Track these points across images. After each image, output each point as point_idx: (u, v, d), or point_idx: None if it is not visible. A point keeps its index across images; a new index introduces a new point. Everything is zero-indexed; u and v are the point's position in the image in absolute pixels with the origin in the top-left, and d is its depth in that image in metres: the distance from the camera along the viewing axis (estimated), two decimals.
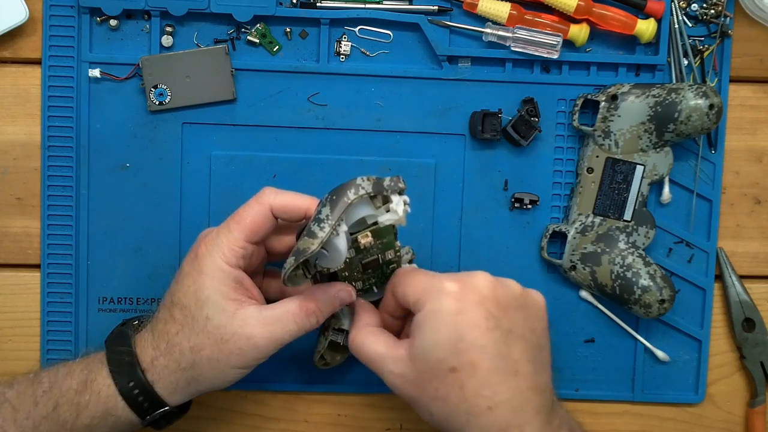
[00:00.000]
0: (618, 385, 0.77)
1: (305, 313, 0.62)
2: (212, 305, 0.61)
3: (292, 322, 0.62)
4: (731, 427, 0.79)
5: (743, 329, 0.77)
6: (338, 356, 0.70)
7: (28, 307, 0.74)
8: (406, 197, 0.62)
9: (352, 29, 0.73)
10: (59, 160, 0.72)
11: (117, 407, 0.62)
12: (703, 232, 0.77)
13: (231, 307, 0.61)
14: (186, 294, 0.62)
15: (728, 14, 0.75)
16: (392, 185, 0.61)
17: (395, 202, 0.61)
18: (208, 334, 0.61)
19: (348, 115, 0.74)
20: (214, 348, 0.61)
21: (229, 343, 0.61)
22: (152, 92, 0.72)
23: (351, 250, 0.62)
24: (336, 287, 0.64)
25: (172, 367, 0.62)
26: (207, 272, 0.61)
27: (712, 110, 0.70)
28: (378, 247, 0.63)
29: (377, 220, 0.61)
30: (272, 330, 0.61)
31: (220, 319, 0.61)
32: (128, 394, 0.62)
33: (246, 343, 0.61)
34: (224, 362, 0.61)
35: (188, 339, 0.61)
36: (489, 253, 0.75)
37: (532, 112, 0.74)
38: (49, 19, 0.71)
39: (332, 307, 0.64)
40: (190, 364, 0.62)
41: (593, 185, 0.74)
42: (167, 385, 0.62)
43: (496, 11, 0.72)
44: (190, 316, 0.61)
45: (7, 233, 0.74)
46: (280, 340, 0.61)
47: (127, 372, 0.62)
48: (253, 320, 0.61)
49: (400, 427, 0.77)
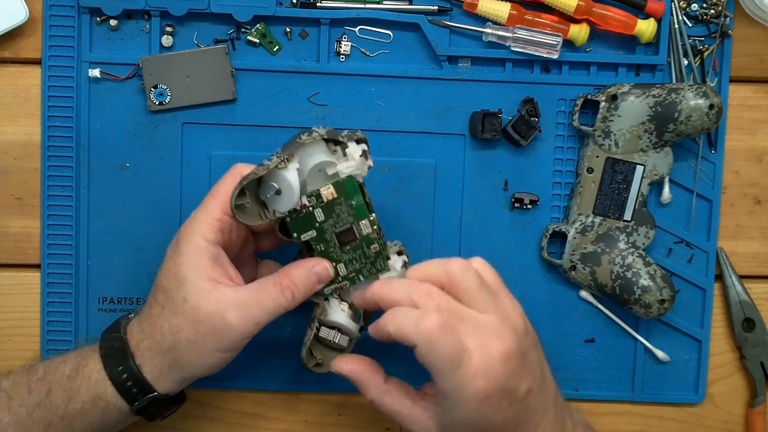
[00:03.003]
0: (618, 385, 0.77)
1: (280, 289, 0.61)
2: (189, 285, 0.61)
3: (267, 299, 0.61)
4: (731, 427, 0.79)
5: (743, 329, 0.77)
6: (333, 356, 0.68)
7: (28, 307, 0.74)
8: (365, 146, 0.62)
9: (352, 29, 0.73)
10: (59, 160, 0.72)
11: (106, 393, 0.62)
12: (703, 232, 0.77)
13: (207, 287, 0.61)
14: (167, 277, 0.62)
15: (728, 14, 0.75)
16: (349, 134, 0.61)
17: (352, 149, 0.61)
18: (185, 315, 0.61)
19: (348, 115, 0.74)
20: (191, 329, 0.61)
21: (204, 324, 0.60)
22: (152, 92, 0.72)
23: (318, 209, 0.62)
24: (311, 261, 0.63)
25: (155, 350, 0.62)
26: (185, 251, 0.61)
27: (712, 110, 0.70)
28: (347, 209, 0.63)
29: (337, 170, 0.62)
30: (247, 309, 0.61)
31: (196, 299, 0.60)
32: (117, 378, 0.62)
33: (220, 323, 0.60)
34: (202, 344, 0.61)
35: (168, 321, 0.61)
36: (489, 253, 0.75)
37: (532, 112, 0.74)
38: (49, 19, 0.71)
39: (308, 282, 0.63)
40: (170, 346, 0.62)
41: (593, 185, 0.74)
42: (153, 369, 0.62)
43: (496, 11, 0.72)
44: (170, 299, 0.61)
45: (7, 233, 0.74)
46: (256, 319, 0.61)
47: (117, 357, 0.62)
48: (228, 299, 0.60)
49: (400, 428, 0.77)
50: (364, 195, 0.63)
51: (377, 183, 0.74)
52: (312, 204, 0.62)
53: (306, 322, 0.68)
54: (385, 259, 0.66)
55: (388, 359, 0.66)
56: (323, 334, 0.67)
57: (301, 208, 0.62)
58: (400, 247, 0.68)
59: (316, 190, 0.62)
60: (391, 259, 0.66)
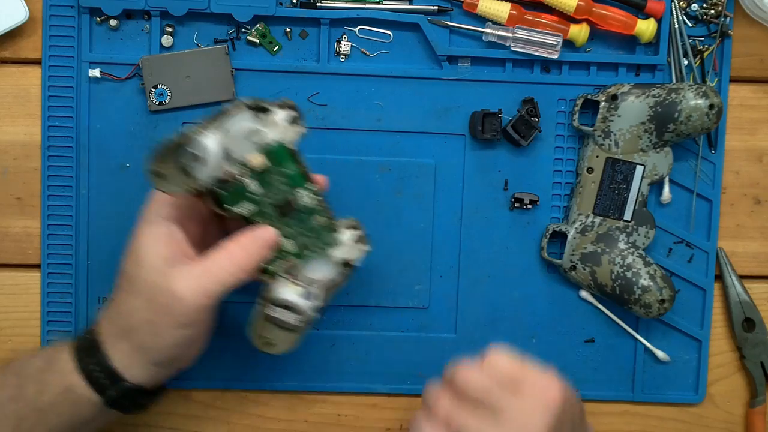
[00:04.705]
0: (618, 385, 0.77)
1: (229, 258, 0.61)
2: (145, 265, 0.61)
3: (217, 269, 0.61)
4: (731, 427, 0.79)
5: (743, 329, 0.77)
6: (286, 336, 0.65)
7: (28, 307, 0.74)
8: (294, 112, 0.62)
9: (352, 29, 0.73)
10: (59, 160, 0.72)
11: (76, 384, 0.61)
12: (703, 232, 0.77)
13: (161, 264, 0.60)
14: (127, 261, 0.62)
15: (728, 14, 0.75)
16: (277, 101, 0.61)
17: (278, 115, 0.61)
18: (141, 295, 0.61)
19: (348, 115, 0.74)
20: (147, 308, 0.60)
21: (156, 301, 0.60)
22: (152, 92, 0.72)
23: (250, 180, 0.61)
24: (255, 227, 0.62)
25: (119, 335, 0.62)
26: (141, 234, 0.62)
27: (712, 110, 0.70)
28: (282, 178, 0.62)
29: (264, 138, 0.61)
30: (199, 281, 0.60)
31: (150, 278, 0.60)
32: (85, 368, 0.61)
33: (171, 297, 0.60)
34: (158, 322, 0.60)
35: (128, 303, 0.61)
36: (489, 253, 0.75)
37: (532, 112, 0.74)
38: (49, 19, 0.71)
39: (257, 248, 0.62)
40: (132, 328, 0.61)
41: (593, 185, 0.74)
42: (122, 357, 0.62)
43: (496, 11, 0.72)
44: (129, 281, 0.62)
45: (7, 233, 0.74)
46: (207, 290, 0.60)
47: (87, 348, 0.62)
48: (180, 274, 0.60)
49: (400, 427, 0.77)
50: (299, 163, 0.63)
51: (377, 183, 0.74)
52: (243, 173, 0.61)
53: None
54: (330, 231, 0.64)
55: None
56: (271, 312, 0.64)
57: (229, 179, 0.61)
58: (353, 222, 0.66)
59: (241, 158, 0.61)
60: (338, 233, 0.64)
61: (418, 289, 0.75)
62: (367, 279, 0.75)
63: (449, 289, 0.75)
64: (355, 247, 0.65)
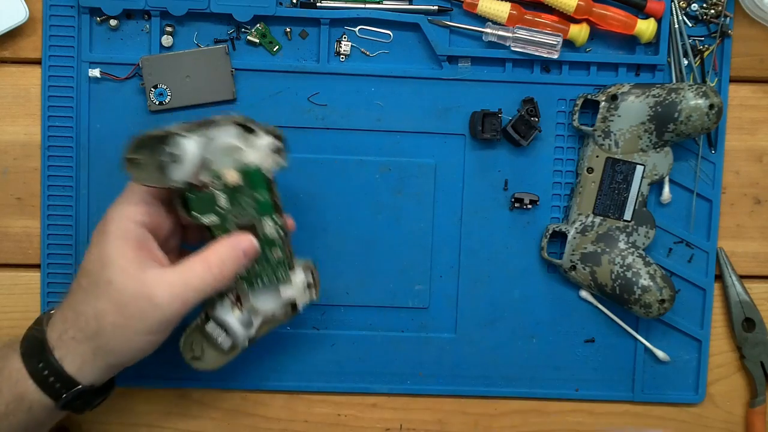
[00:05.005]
0: (618, 385, 0.77)
1: (206, 266, 0.60)
2: (114, 268, 0.59)
3: (193, 277, 0.60)
4: (731, 427, 0.79)
5: (743, 329, 0.77)
6: (213, 357, 0.67)
7: (28, 307, 0.74)
8: (279, 142, 0.62)
9: (352, 29, 0.73)
10: (59, 160, 0.72)
11: (29, 391, 0.60)
12: (703, 232, 0.77)
13: (132, 268, 0.59)
14: (91, 260, 0.61)
15: (728, 14, 0.75)
16: (265, 126, 0.61)
17: (260, 139, 0.61)
18: (110, 298, 0.59)
19: (348, 115, 0.74)
20: (116, 313, 0.59)
21: (129, 306, 0.59)
22: (152, 92, 0.72)
23: (221, 193, 0.61)
24: (236, 236, 0.62)
25: (78, 338, 0.60)
26: (111, 232, 0.60)
27: (712, 110, 0.70)
28: (251, 202, 0.62)
29: (243, 158, 0.61)
30: (174, 288, 0.59)
31: (121, 281, 0.59)
32: (38, 375, 0.60)
33: (147, 303, 0.59)
34: (128, 328, 0.59)
35: (92, 305, 0.60)
36: (489, 253, 0.75)
37: (532, 112, 0.74)
38: (49, 19, 0.71)
39: (235, 259, 0.61)
40: (95, 332, 0.60)
41: (593, 185, 0.74)
42: (75, 359, 0.60)
43: (496, 11, 0.72)
44: (94, 282, 0.60)
45: (7, 233, 0.74)
46: (183, 297, 0.60)
47: (37, 353, 0.61)
48: (154, 280, 0.59)
49: (400, 427, 0.77)
50: (272, 193, 0.63)
51: (377, 183, 0.74)
52: (214, 185, 0.61)
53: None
54: (286, 268, 0.65)
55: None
56: (209, 328, 0.65)
57: (201, 186, 0.61)
58: (309, 265, 0.67)
59: (218, 170, 0.61)
60: (294, 272, 0.65)
61: (418, 289, 0.75)
62: (367, 279, 0.75)
63: (449, 289, 0.75)
64: (306, 292, 0.66)
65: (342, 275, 0.74)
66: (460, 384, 0.76)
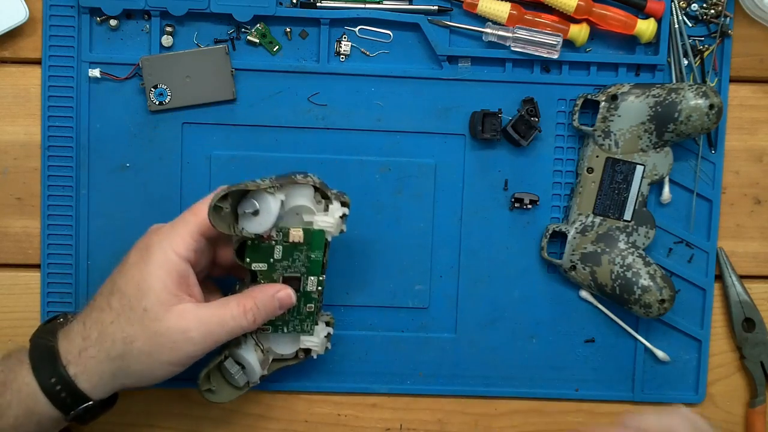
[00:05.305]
0: (618, 385, 0.77)
1: (242, 310, 0.62)
2: (152, 297, 0.60)
3: (228, 318, 0.61)
4: (731, 427, 0.78)
5: (743, 329, 0.77)
6: (227, 391, 0.69)
7: (28, 307, 0.74)
8: (347, 210, 0.64)
9: (352, 29, 0.73)
10: (59, 160, 0.72)
11: (39, 404, 0.61)
12: (703, 232, 0.77)
13: (170, 300, 0.60)
14: (129, 283, 0.61)
15: (728, 14, 0.75)
16: (338, 194, 0.64)
17: (334, 207, 0.63)
18: (143, 325, 0.60)
19: (348, 115, 0.74)
20: (147, 340, 0.60)
21: (163, 336, 0.60)
22: (152, 92, 0.72)
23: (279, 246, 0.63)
24: (275, 287, 0.64)
25: (100, 357, 0.61)
26: (155, 262, 0.61)
27: (712, 110, 0.70)
28: (304, 259, 0.64)
29: (313, 219, 0.63)
30: (208, 325, 0.61)
31: (157, 311, 0.60)
32: (49, 389, 0.61)
33: (181, 336, 0.60)
34: (156, 356, 0.61)
35: (122, 329, 0.61)
36: (489, 253, 0.75)
37: (532, 112, 0.74)
38: (49, 19, 0.71)
39: (270, 308, 0.63)
40: (120, 355, 0.61)
41: (593, 185, 0.74)
42: (92, 377, 0.61)
43: (496, 11, 0.72)
44: (128, 306, 0.61)
45: (7, 233, 0.74)
46: (215, 335, 0.61)
47: (49, 367, 0.61)
48: (190, 315, 0.61)
49: (400, 427, 0.77)
50: (325, 255, 0.65)
51: (377, 183, 0.74)
52: (277, 239, 0.63)
53: None
54: (313, 322, 0.67)
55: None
56: (227, 364, 0.67)
57: (266, 238, 0.62)
58: (329, 318, 0.70)
59: (286, 227, 0.63)
60: (318, 325, 0.68)
61: (418, 289, 0.75)
62: (367, 279, 0.75)
63: (449, 289, 0.75)
64: (324, 343, 0.69)
65: (342, 275, 0.74)
66: (460, 384, 0.76)
